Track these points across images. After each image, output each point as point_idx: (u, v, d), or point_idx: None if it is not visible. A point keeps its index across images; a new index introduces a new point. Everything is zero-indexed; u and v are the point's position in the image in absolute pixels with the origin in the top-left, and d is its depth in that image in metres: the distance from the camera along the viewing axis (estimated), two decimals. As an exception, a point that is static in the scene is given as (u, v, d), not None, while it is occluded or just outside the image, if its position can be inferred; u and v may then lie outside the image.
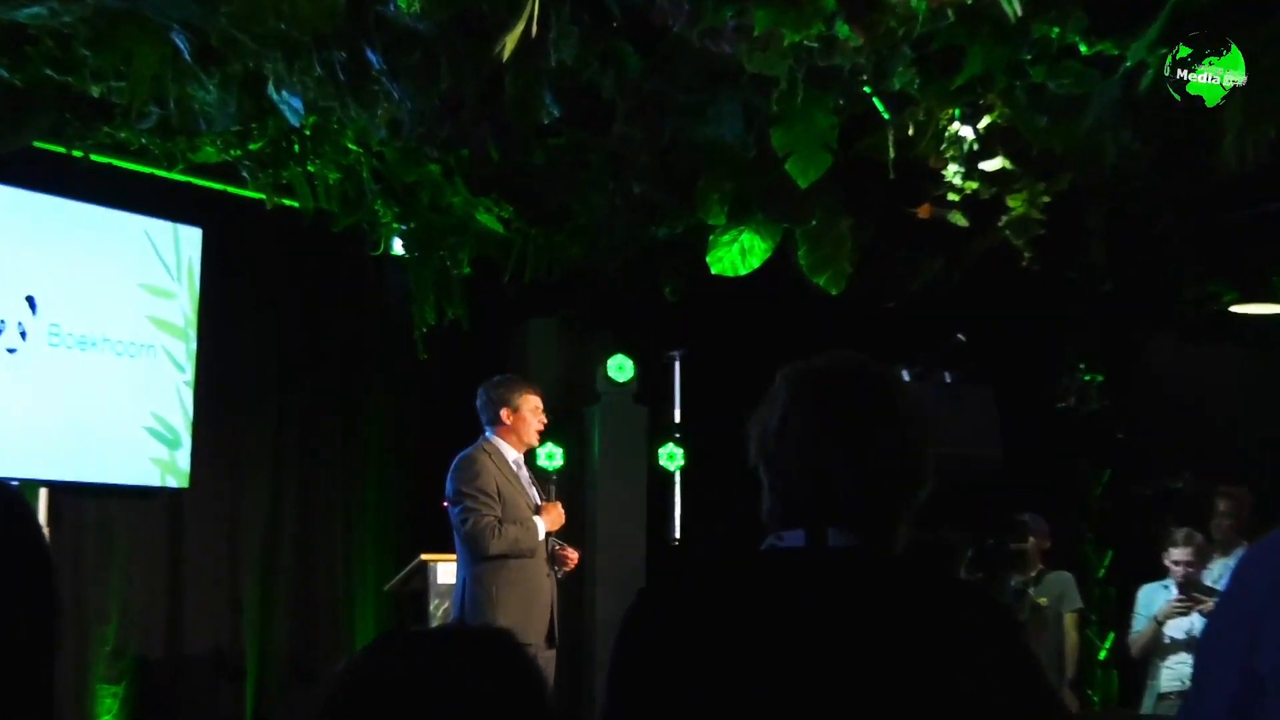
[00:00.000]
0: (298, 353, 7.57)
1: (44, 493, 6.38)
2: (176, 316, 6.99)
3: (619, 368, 8.29)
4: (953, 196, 5.44)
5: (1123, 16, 4.52)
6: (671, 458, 8.47)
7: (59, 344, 6.48)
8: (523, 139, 5.63)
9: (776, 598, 1.80)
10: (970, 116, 5.20)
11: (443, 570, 6.20)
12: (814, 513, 1.82)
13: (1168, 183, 5.80)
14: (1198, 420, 7.96)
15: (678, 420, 8.60)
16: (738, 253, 5.85)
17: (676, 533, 8.50)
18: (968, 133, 5.23)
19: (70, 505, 6.56)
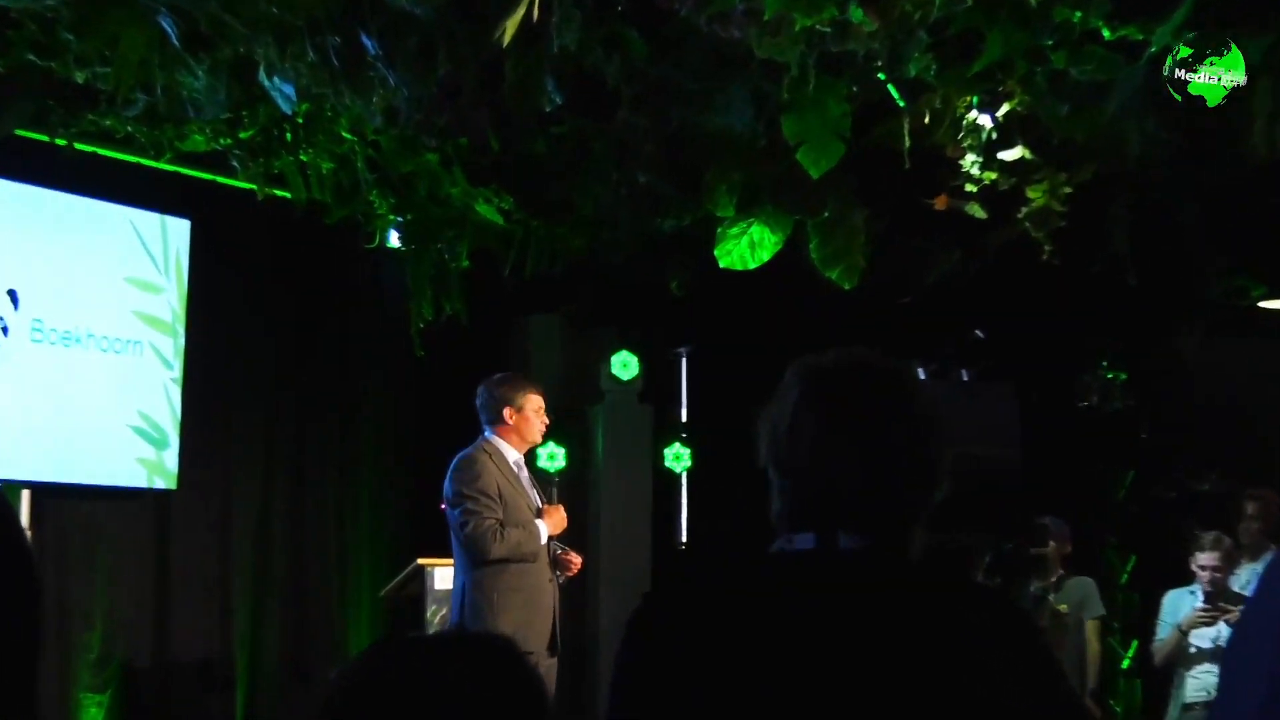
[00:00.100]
0: (290, 349, 7.62)
1: (26, 494, 6.36)
2: (164, 311, 6.98)
3: (623, 365, 8.39)
4: (970, 187, 5.42)
5: (1147, 0, 4.48)
6: (678, 458, 8.55)
7: (42, 340, 6.47)
8: (524, 127, 5.63)
9: (786, 602, 1.78)
10: (989, 104, 5.18)
11: (440, 575, 6.19)
12: (825, 515, 1.80)
13: (1194, 172, 5.82)
14: (1225, 420, 7.97)
15: (684, 419, 8.72)
16: (747, 246, 5.82)
17: (683, 536, 8.68)
18: (986, 121, 5.22)
19: (53, 507, 6.54)
